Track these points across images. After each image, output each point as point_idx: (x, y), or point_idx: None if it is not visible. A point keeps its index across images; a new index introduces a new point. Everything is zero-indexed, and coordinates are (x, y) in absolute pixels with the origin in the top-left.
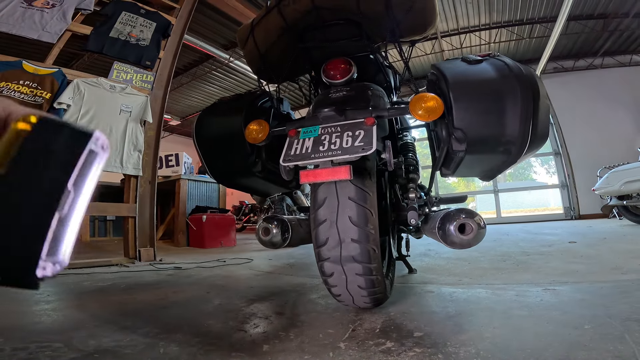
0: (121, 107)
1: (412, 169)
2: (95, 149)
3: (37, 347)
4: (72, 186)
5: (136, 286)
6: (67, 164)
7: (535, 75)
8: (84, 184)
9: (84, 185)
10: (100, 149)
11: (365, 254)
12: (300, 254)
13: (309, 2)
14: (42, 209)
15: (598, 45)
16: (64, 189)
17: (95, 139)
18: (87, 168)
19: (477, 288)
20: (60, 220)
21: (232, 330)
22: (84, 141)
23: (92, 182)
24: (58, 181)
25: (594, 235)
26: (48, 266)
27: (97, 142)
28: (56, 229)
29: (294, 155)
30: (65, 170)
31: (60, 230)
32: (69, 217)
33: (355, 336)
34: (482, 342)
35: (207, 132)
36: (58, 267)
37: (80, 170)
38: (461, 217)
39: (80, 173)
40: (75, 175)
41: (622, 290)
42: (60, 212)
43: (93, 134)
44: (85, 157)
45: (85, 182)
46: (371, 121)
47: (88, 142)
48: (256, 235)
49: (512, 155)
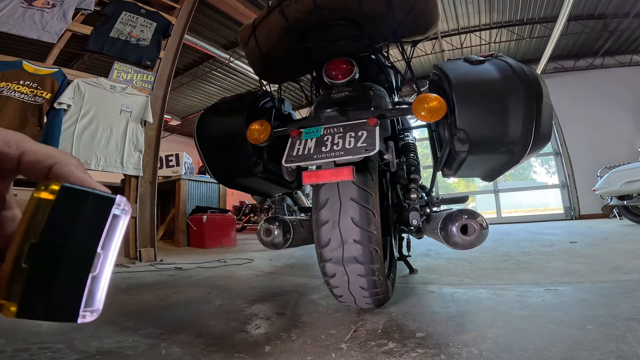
0: (122, 107)
1: (414, 170)
2: (118, 213)
3: (39, 348)
4: (100, 249)
5: (137, 287)
6: (94, 230)
7: (539, 76)
8: (111, 246)
9: (111, 247)
10: (122, 212)
11: (367, 254)
12: (301, 254)
13: (310, 2)
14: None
15: (598, 45)
16: (95, 253)
17: (117, 204)
18: (113, 231)
19: (479, 288)
20: (93, 278)
21: (234, 331)
22: (108, 206)
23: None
24: (88, 247)
25: (594, 235)
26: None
27: (120, 206)
28: (90, 285)
29: (297, 156)
30: (93, 236)
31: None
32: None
33: (357, 337)
34: (485, 343)
35: (208, 133)
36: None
37: (107, 234)
38: (463, 217)
39: (107, 236)
40: (103, 239)
41: (623, 290)
42: (92, 272)
43: (116, 199)
44: (111, 220)
45: (112, 243)
46: (374, 122)
47: (112, 207)
48: (257, 236)
49: (515, 156)
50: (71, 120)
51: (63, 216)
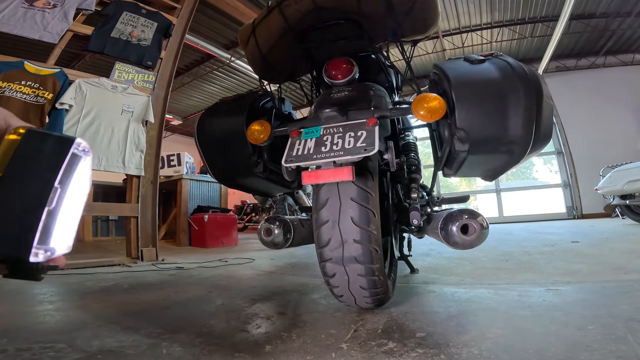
0: (123, 107)
1: (414, 169)
2: (78, 153)
3: (41, 347)
4: (58, 184)
5: (139, 286)
6: (53, 166)
7: (539, 75)
8: (69, 182)
9: (69, 183)
10: (82, 152)
11: (367, 254)
12: (301, 253)
13: (310, 2)
14: (33, 204)
15: (600, 44)
16: (51, 187)
17: (77, 144)
18: (72, 168)
19: (480, 288)
20: (49, 212)
21: (235, 331)
22: (67, 146)
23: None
24: (46, 180)
25: (596, 235)
26: (40, 253)
27: (79, 147)
28: (46, 220)
29: (296, 156)
30: (52, 171)
31: (49, 222)
32: (57, 210)
33: (357, 337)
34: (485, 343)
35: (208, 133)
36: (49, 253)
37: (65, 171)
38: (464, 217)
39: (65, 173)
40: (60, 175)
41: (624, 290)
42: (49, 206)
43: (75, 140)
44: (69, 160)
45: (71, 180)
46: (373, 122)
47: (71, 147)
48: (258, 235)
49: (515, 155)
50: (73, 120)
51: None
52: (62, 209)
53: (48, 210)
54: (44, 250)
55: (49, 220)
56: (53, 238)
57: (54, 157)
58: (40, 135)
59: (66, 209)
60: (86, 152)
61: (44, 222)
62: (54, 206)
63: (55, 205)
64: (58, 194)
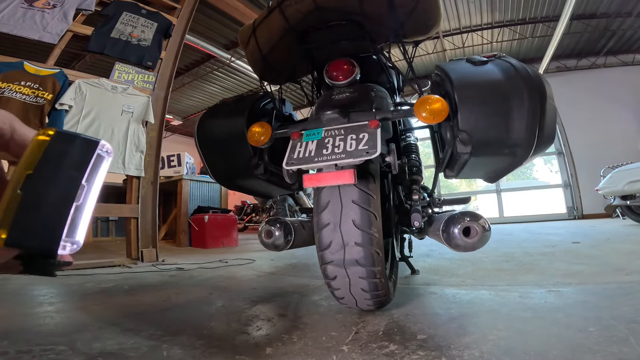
0: (123, 107)
1: (416, 171)
2: (101, 154)
3: (41, 349)
4: (85, 182)
5: (139, 287)
6: (81, 165)
7: (542, 77)
8: (94, 180)
9: (94, 181)
10: (105, 153)
11: (368, 257)
12: (302, 254)
13: (311, 2)
14: (62, 199)
15: (601, 44)
16: (79, 184)
17: (101, 146)
18: (96, 168)
19: (481, 289)
20: (77, 208)
21: (235, 333)
22: (93, 147)
23: (101, 178)
24: (74, 178)
25: (597, 236)
26: (67, 245)
27: (103, 148)
28: (74, 215)
29: (297, 158)
30: (79, 170)
31: (76, 216)
32: (84, 206)
33: (358, 339)
34: (486, 345)
35: (209, 134)
36: (75, 246)
37: (91, 170)
38: (466, 220)
39: (91, 172)
40: (87, 173)
41: (626, 292)
42: (77, 202)
43: (99, 142)
44: (94, 160)
45: (95, 178)
46: (375, 124)
47: (96, 148)
48: (259, 237)
49: (518, 157)
50: (73, 121)
51: (55, 153)
52: (87, 204)
53: (76, 205)
54: (71, 243)
55: (77, 215)
56: (79, 232)
57: (82, 156)
58: (68, 137)
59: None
60: (109, 153)
61: (72, 216)
62: (81, 202)
63: (82, 201)
64: (85, 191)
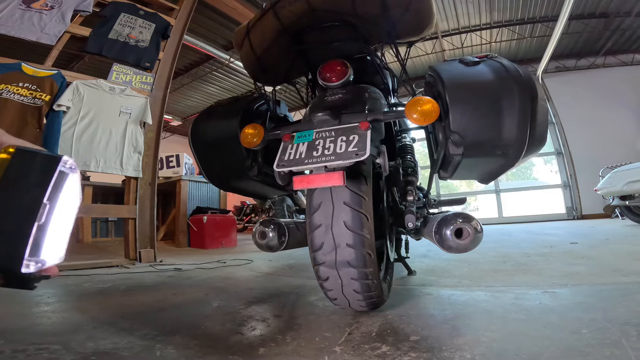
0: (121, 108)
1: (411, 171)
2: (64, 170)
3: (36, 349)
4: (47, 200)
5: (136, 288)
6: (42, 183)
7: (533, 77)
8: (57, 198)
9: (57, 199)
10: (69, 169)
11: (360, 258)
12: (300, 254)
13: (304, 3)
14: (23, 219)
15: (600, 44)
16: (40, 203)
17: (64, 162)
18: (59, 185)
19: (476, 290)
20: (39, 227)
21: (230, 333)
22: (54, 164)
23: (69, 195)
24: (35, 197)
25: (595, 236)
26: (31, 264)
27: (66, 164)
28: (36, 234)
29: (288, 160)
30: (40, 188)
31: (40, 236)
32: (47, 225)
33: (351, 340)
34: (478, 347)
35: (203, 136)
36: (40, 265)
37: (53, 188)
38: (458, 221)
39: (53, 190)
40: (49, 192)
41: (622, 293)
42: (39, 221)
43: (62, 158)
44: (56, 177)
45: (59, 196)
46: (365, 125)
47: (57, 165)
48: (253, 238)
49: (510, 158)
50: (70, 122)
51: (15, 173)
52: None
53: (38, 225)
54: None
55: (39, 234)
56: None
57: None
58: (29, 155)
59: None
60: (72, 169)
61: (35, 236)
62: (44, 221)
63: (45, 220)
64: (47, 209)
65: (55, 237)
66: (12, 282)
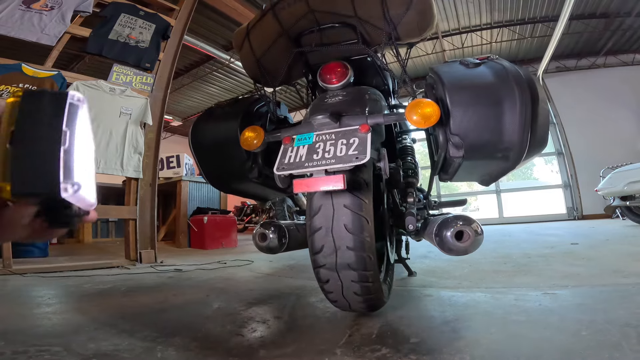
0: (121, 109)
1: (411, 173)
2: (74, 103)
3: (37, 350)
4: (66, 127)
5: (136, 289)
6: (56, 114)
7: (534, 79)
8: (74, 125)
9: (75, 126)
10: (78, 102)
11: (360, 261)
12: (300, 255)
13: (304, 5)
14: (49, 145)
15: (600, 44)
16: (61, 129)
17: (71, 96)
18: (73, 115)
19: (477, 292)
20: (65, 151)
21: (230, 335)
22: (64, 98)
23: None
24: (54, 126)
25: (596, 237)
26: (68, 187)
27: (74, 98)
28: (65, 158)
29: (288, 163)
30: (57, 118)
31: (68, 159)
32: (72, 149)
33: (351, 342)
34: (478, 349)
35: (203, 138)
36: (76, 187)
37: (68, 117)
38: (458, 224)
39: (69, 118)
40: (65, 119)
41: (622, 295)
42: (64, 145)
43: (68, 93)
44: (68, 107)
45: (76, 124)
46: (366, 128)
47: (67, 98)
48: (253, 240)
49: (511, 161)
50: None
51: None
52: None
53: (64, 149)
54: (71, 185)
55: (67, 157)
56: (75, 174)
57: (55, 107)
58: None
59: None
60: (81, 101)
61: (64, 159)
62: (68, 145)
63: (69, 144)
64: (68, 135)
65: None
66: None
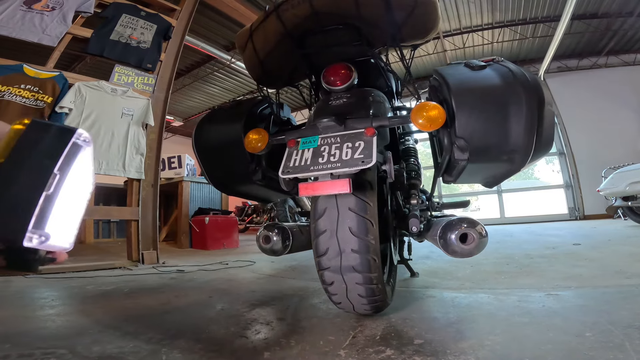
0: (123, 110)
1: (414, 175)
2: (78, 142)
3: (42, 353)
4: (58, 170)
5: (139, 290)
6: (54, 153)
7: (540, 82)
8: (69, 170)
9: (69, 171)
10: (83, 142)
11: (365, 264)
12: (302, 256)
13: (308, 6)
14: (30, 188)
15: (602, 44)
16: (51, 172)
17: (78, 135)
18: (72, 157)
19: (479, 293)
20: (47, 197)
21: (234, 337)
22: (69, 136)
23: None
24: (45, 166)
25: (598, 237)
26: (34, 237)
27: (80, 137)
28: (43, 204)
29: (293, 167)
30: (52, 158)
31: (46, 207)
32: (55, 196)
33: (355, 343)
34: (482, 350)
35: (206, 140)
36: (43, 239)
37: (65, 159)
38: (463, 226)
39: (65, 161)
40: (60, 162)
41: (624, 296)
42: (47, 191)
43: (76, 130)
44: (69, 148)
45: (71, 168)
46: (371, 132)
47: (72, 136)
48: (257, 242)
49: (516, 164)
50: (73, 123)
51: (28, 142)
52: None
53: (46, 194)
54: (39, 235)
55: (46, 204)
56: (49, 224)
57: (55, 145)
58: (43, 126)
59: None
60: (87, 142)
61: (41, 206)
62: (52, 191)
63: (54, 190)
64: (57, 180)
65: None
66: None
